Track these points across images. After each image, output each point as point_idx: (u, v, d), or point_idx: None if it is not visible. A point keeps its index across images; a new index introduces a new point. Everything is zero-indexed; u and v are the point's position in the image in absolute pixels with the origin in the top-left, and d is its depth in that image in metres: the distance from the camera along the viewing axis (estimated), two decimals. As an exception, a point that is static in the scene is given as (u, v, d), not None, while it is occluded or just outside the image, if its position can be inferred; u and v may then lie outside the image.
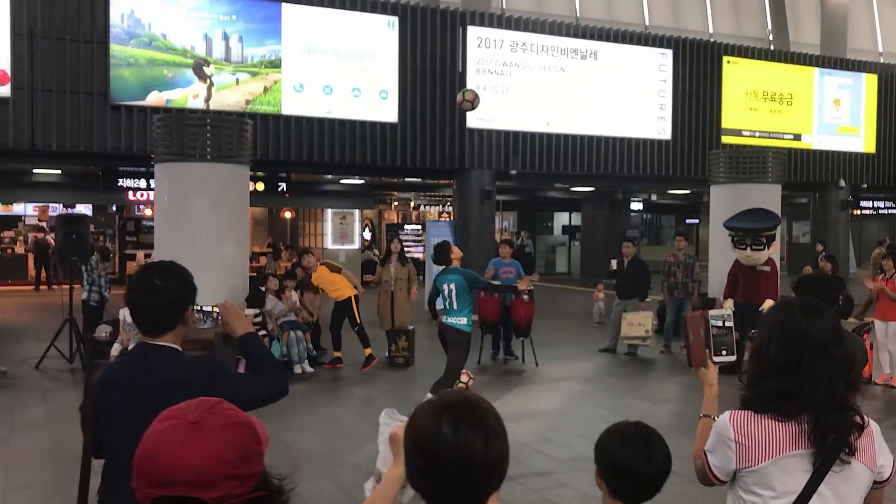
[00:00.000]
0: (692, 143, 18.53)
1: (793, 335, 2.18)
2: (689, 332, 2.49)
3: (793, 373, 2.15)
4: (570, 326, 15.26)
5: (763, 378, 2.20)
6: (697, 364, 2.50)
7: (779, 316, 2.25)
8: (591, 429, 7.74)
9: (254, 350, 2.67)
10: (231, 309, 2.73)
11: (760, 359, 2.23)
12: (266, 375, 2.60)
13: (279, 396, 2.61)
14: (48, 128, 13.05)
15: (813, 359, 2.14)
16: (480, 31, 16.23)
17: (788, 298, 2.34)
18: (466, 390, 1.68)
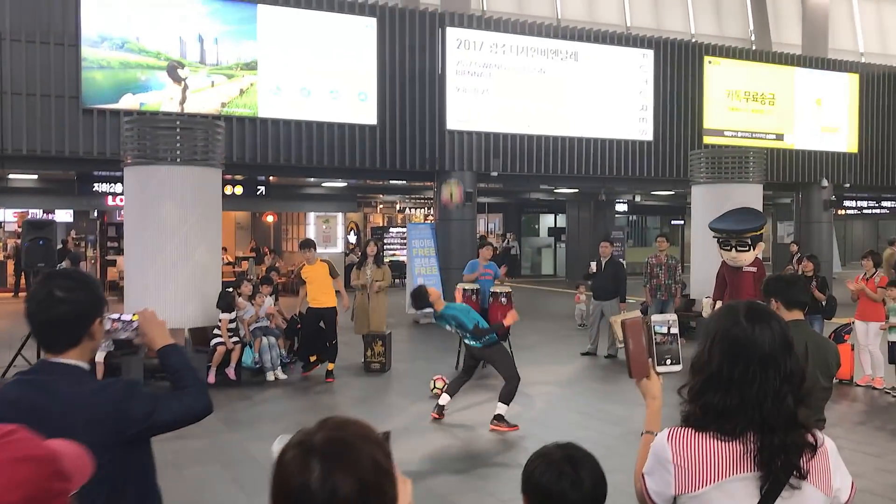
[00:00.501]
0: (674, 144, 18.44)
1: (737, 344, 1.97)
2: (628, 339, 2.28)
3: (737, 386, 1.94)
4: (552, 329, 15.12)
5: (704, 392, 1.98)
6: (639, 374, 2.29)
7: (722, 322, 2.03)
8: (565, 435, 7.55)
9: (174, 364, 2.47)
10: (151, 318, 2.54)
11: (701, 370, 2.01)
12: (186, 393, 2.40)
13: (201, 416, 2.40)
14: (19, 132, 12.82)
15: (759, 370, 1.94)
16: (460, 32, 16.09)
17: (733, 303, 2.11)
18: (347, 421, 1.45)
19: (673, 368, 2.33)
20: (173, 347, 2.50)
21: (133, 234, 10.67)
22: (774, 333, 1.98)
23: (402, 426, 8.02)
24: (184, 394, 2.39)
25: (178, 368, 2.45)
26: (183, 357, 2.50)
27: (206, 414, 2.41)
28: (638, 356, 2.31)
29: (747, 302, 2.09)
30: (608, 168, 17.78)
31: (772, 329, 1.98)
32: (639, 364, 2.31)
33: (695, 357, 2.07)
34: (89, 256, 24.66)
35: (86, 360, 2.32)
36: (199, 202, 10.65)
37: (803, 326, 3.97)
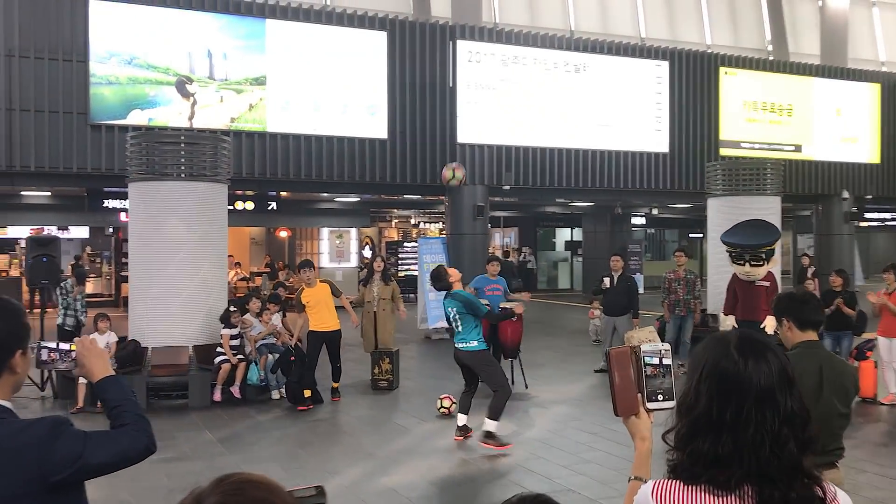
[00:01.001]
0: (690, 156, 18.15)
1: (727, 380, 1.69)
2: (614, 371, 2.00)
3: (729, 430, 1.67)
4: (566, 345, 14.84)
5: (692, 436, 1.70)
6: (625, 412, 2.01)
7: (709, 354, 1.75)
8: (574, 458, 7.34)
9: (113, 399, 2.24)
10: (90, 348, 2.32)
11: (689, 411, 1.73)
12: (123, 432, 2.17)
13: (139, 458, 2.17)
14: (27, 148, 12.79)
15: (754, 411, 1.66)
16: (471, 44, 15.93)
17: (724, 332, 1.84)
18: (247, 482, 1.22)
19: (665, 405, 2.03)
20: (113, 380, 2.29)
21: (137, 250, 10.55)
22: (771, 367, 1.71)
23: (405, 447, 7.79)
24: (121, 433, 2.16)
25: (118, 404, 2.23)
26: (123, 390, 2.28)
27: (145, 455, 2.19)
28: (625, 391, 2.03)
29: (739, 331, 1.82)
30: (623, 181, 17.52)
31: (768, 362, 1.71)
32: (626, 400, 2.03)
33: (681, 396, 1.80)
34: (104, 272, 24.70)
35: (6, 397, 2.11)
36: (205, 218, 10.52)
37: (817, 349, 3.70)
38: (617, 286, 11.22)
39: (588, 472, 6.87)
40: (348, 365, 12.49)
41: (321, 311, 9.66)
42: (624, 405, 2.04)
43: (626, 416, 2.04)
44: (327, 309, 9.67)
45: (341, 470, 7.05)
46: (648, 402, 2.02)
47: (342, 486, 6.58)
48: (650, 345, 2.07)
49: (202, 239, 10.42)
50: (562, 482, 6.62)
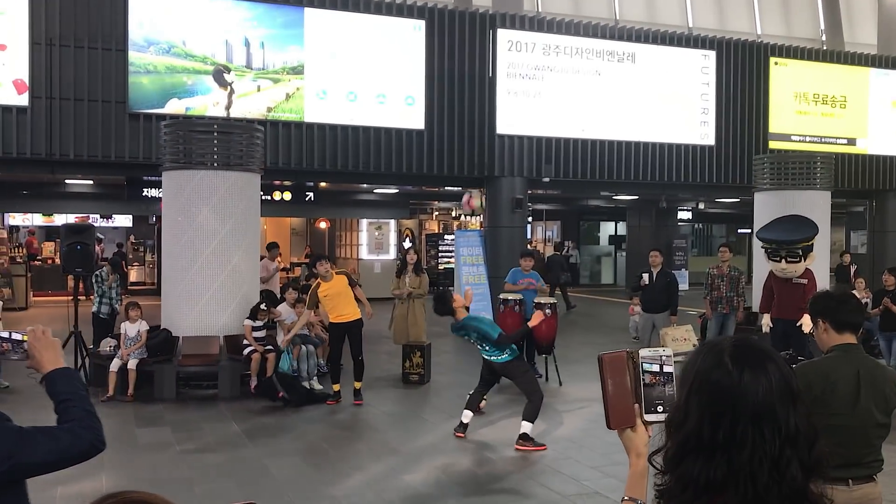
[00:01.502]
0: (737, 149, 17.61)
1: (719, 393, 1.49)
2: (607, 379, 1.79)
3: (723, 451, 1.46)
4: (604, 341, 14.51)
5: (682, 458, 1.50)
6: (620, 423, 1.79)
7: (700, 365, 1.54)
8: (605, 459, 7.08)
9: (60, 392, 2.09)
10: (41, 338, 2.17)
11: (678, 429, 1.53)
12: (65, 430, 2.01)
13: (82, 457, 2.02)
14: (67, 137, 12.87)
15: (751, 429, 1.46)
16: (511, 33, 15.63)
17: (717, 339, 1.62)
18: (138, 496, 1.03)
19: (665, 417, 1.81)
20: (64, 373, 2.13)
21: (170, 239, 10.53)
22: (771, 379, 1.48)
23: (430, 444, 7.62)
24: (62, 430, 2.01)
25: (65, 398, 2.08)
26: (73, 385, 2.12)
27: (90, 454, 2.03)
28: (619, 401, 1.80)
29: (735, 337, 1.60)
30: (668, 174, 17.07)
31: (767, 373, 1.49)
32: (620, 411, 1.80)
33: (670, 411, 1.60)
34: (147, 261, 24.99)
35: None
36: (237, 207, 10.45)
37: (855, 352, 3.41)
38: (656, 282, 10.88)
39: (618, 474, 6.61)
40: (380, 358, 12.39)
41: (340, 303, 9.24)
42: (618, 416, 1.81)
43: (621, 429, 1.82)
44: (346, 299, 9.27)
45: (364, 465, 6.90)
46: (646, 414, 1.79)
47: (363, 483, 6.43)
48: (649, 350, 1.84)
49: (235, 228, 10.35)
50: (589, 484, 6.38)
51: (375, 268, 21.95)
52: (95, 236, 11.27)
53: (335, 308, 9.24)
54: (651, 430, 1.80)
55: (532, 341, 10.65)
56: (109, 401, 9.20)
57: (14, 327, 9.97)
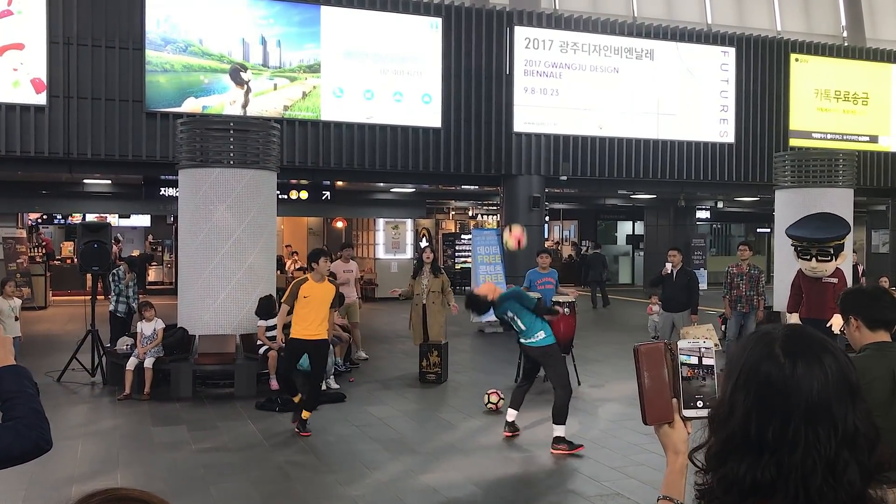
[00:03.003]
0: (757, 147, 17.42)
1: (769, 388, 1.35)
2: (643, 372, 1.67)
3: (771, 451, 1.33)
4: (623, 341, 14.36)
5: (726, 457, 1.37)
6: (656, 419, 1.66)
7: (748, 357, 1.40)
8: (625, 460, 6.97)
9: (8, 390, 2.02)
10: None
11: (722, 426, 1.39)
12: (8, 427, 1.94)
13: (25, 455, 1.94)
14: (84, 136, 12.90)
15: (804, 429, 1.32)
16: (528, 31, 15.53)
17: (767, 328, 1.46)
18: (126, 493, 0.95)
19: (706, 413, 1.69)
20: (12, 370, 2.06)
21: (187, 238, 10.50)
22: (828, 372, 1.34)
23: (449, 443, 7.53)
24: (6, 428, 1.93)
25: (11, 396, 2.00)
26: (21, 382, 2.04)
27: (35, 453, 1.96)
28: (656, 395, 1.68)
29: (787, 326, 1.45)
30: (687, 172, 16.91)
31: (823, 366, 1.34)
32: (657, 406, 1.68)
33: (714, 406, 1.47)
34: (165, 260, 25.07)
35: None
36: (253, 205, 10.40)
37: (890, 350, 3.29)
38: (676, 281, 10.74)
39: (639, 475, 6.50)
40: (397, 357, 12.34)
41: (314, 314, 7.89)
42: (655, 412, 1.69)
43: (658, 425, 1.71)
44: (321, 313, 7.96)
45: (381, 465, 6.83)
46: (685, 409, 1.67)
47: (381, 482, 6.35)
48: (688, 341, 1.72)
49: (251, 227, 10.31)
50: (610, 485, 6.27)
51: (392, 267, 21.90)
52: (112, 235, 11.25)
53: (306, 318, 7.87)
54: (690, 427, 1.69)
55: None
56: (126, 399, 9.18)
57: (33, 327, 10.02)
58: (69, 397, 9.38)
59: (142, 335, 9.60)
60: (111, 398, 9.36)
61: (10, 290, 9.97)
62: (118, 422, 8.31)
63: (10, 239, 18.49)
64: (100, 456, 7.06)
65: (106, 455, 7.09)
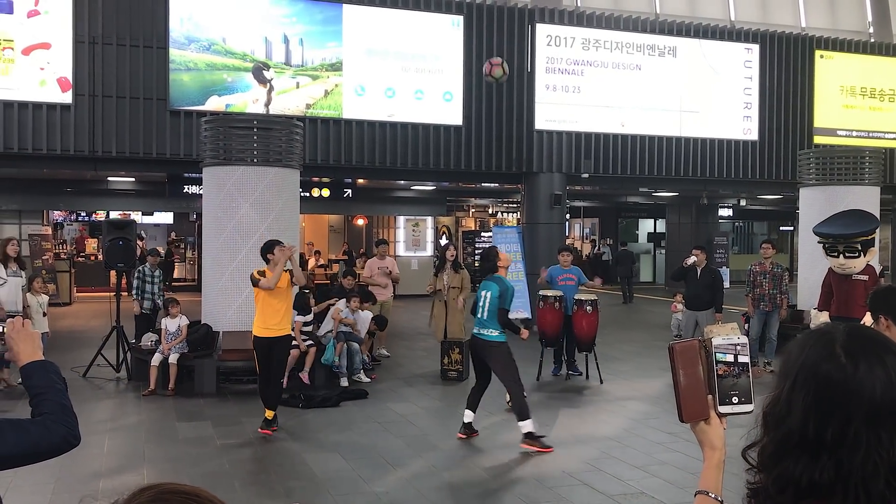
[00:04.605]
0: (781, 144, 17.27)
1: (830, 388, 1.32)
2: (679, 369, 1.67)
3: (830, 452, 1.30)
4: (645, 339, 14.32)
5: (781, 456, 1.35)
6: (693, 416, 1.67)
7: (808, 355, 1.37)
8: (648, 458, 6.95)
9: (36, 385, 2.05)
10: (19, 330, 2.12)
11: (778, 423, 1.37)
12: (37, 423, 1.97)
13: (53, 450, 1.97)
14: (109, 134, 13.01)
15: (865, 431, 1.29)
16: (550, 28, 15.48)
17: (828, 327, 1.43)
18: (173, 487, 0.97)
19: (741, 409, 1.68)
20: (40, 365, 2.09)
21: (211, 235, 10.58)
22: (891, 374, 1.31)
23: (470, 441, 7.54)
24: (33, 423, 1.96)
25: (40, 391, 2.03)
26: (49, 377, 2.07)
27: (63, 448, 1.98)
28: (693, 392, 1.69)
29: (849, 326, 1.43)
30: (709, 169, 16.79)
31: (886, 366, 1.31)
32: (693, 403, 1.68)
33: (768, 403, 1.42)
34: (188, 258, 25.27)
35: None
36: (277, 203, 10.46)
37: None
38: (700, 279, 10.68)
39: (663, 474, 6.48)
40: (418, 354, 12.36)
41: (274, 308, 7.57)
42: (691, 409, 1.70)
43: (694, 422, 1.71)
44: (283, 307, 7.66)
45: (403, 462, 6.85)
46: (721, 406, 1.67)
47: (403, 479, 6.38)
48: (723, 338, 1.72)
49: (274, 224, 10.36)
50: (634, 484, 6.25)
51: (413, 264, 21.94)
52: (137, 232, 11.35)
53: (266, 313, 7.56)
54: (725, 423, 1.69)
55: (573, 339, 10.53)
56: (150, 395, 9.27)
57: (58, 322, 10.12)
58: (95, 393, 9.49)
59: (166, 331, 9.69)
60: (136, 394, 9.46)
61: (37, 287, 10.09)
62: (143, 417, 8.40)
63: (36, 236, 18.72)
64: (126, 451, 7.14)
65: (132, 450, 7.17)
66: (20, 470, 1.94)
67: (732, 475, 1.59)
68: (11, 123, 12.51)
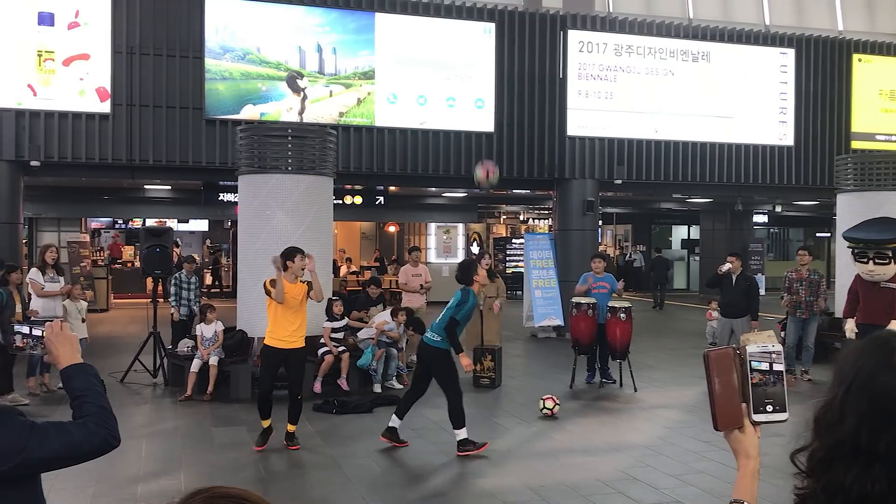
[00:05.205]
0: (818, 150, 17.04)
1: (885, 398, 1.30)
2: (713, 377, 1.67)
3: (883, 463, 1.28)
4: (680, 347, 14.19)
5: (832, 464, 1.34)
6: (728, 424, 1.67)
7: (863, 364, 1.35)
8: (684, 467, 6.88)
9: (77, 388, 2.09)
10: (59, 334, 2.16)
11: (830, 430, 1.36)
12: (78, 425, 2.01)
13: (94, 453, 2.01)
14: (146, 143, 13.22)
15: None
16: (582, 34, 15.45)
17: (884, 335, 1.42)
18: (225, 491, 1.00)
19: (775, 417, 1.67)
20: (79, 368, 2.13)
21: (246, 242, 10.70)
22: None
23: (505, 449, 7.52)
24: (75, 425, 2.00)
25: (81, 394, 2.07)
26: (88, 380, 2.11)
27: (104, 449, 2.02)
28: (727, 400, 1.69)
29: None
30: (744, 175, 16.62)
31: None
32: (728, 411, 1.68)
33: (819, 409, 1.41)
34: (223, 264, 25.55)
35: None
36: (311, 210, 10.56)
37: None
38: (735, 286, 10.56)
39: (699, 483, 6.41)
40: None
41: (288, 320, 7.31)
42: (725, 417, 1.69)
43: (728, 430, 1.70)
44: (298, 318, 7.37)
45: (436, 469, 6.86)
46: (755, 414, 1.66)
47: (436, 487, 6.38)
48: (758, 346, 1.72)
49: (308, 232, 10.45)
50: (669, 493, 6.19)
51: (443, 271, 21.96)
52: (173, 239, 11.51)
53: (280, 324, 7.31)
54: (759, 431, 1.68)
55: (606, 346, 10.46)
56: (187, 400, 9.38)
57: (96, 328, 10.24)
58: (132, 398, 9.62)
59: (202, 337, 9.80)
60: (172, 399, 9.57)
61: (76, 293, 10.27)
62: (180, 422, 8.50)
63: (75, 243, 19.05)
64: (163, 455, 7.23)
65: (169, 454, 7.25)
66: (60, 473, 1.99)
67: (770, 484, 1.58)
68: (52, 133, 12.76)
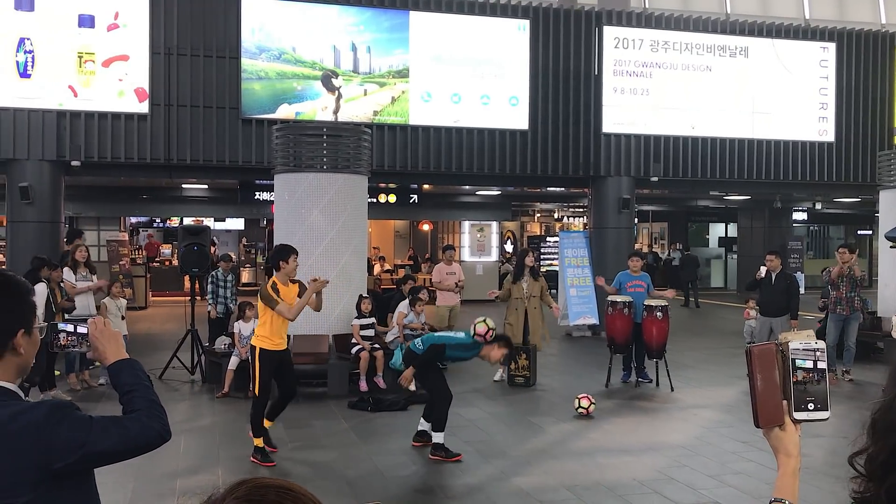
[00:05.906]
0: (859, 145, 16.72)
1: None
2: (755, 373, 1.64)
3: None
4: (717, 346, 14.02)
5: (893, 468, 1.31)
6: (768, 422, 1.64)
7: None
8: (722, 468, 6.79)
9: (125, 383, 2.10)
10: (102, 330, 2.18)
11: (888, 433, 1.31)
12: (132, 419, 2.02)
13: (149, 446, 2.02)
14: (183, 142, 13.38)
15: None
16: (618, 30, 15.32)
17: None
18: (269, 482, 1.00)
19: (817, 416, 1.64)
20: (127, 363, 2.15)
21: (282, 240, 10.75)
22: None
23: (539, 448, 7.49)
24: (130, 419, 2.02)
25: (130, 389, 2.09)
26: (136, 375, 2.13)
27: (157, 443, 2.04)
28: (769, 398, 1.65)
29: None
30: (783, 172, 16.37)
31: None
32: (769, 408, 1.65)
33: (878, 411, 1.37)
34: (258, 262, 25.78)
35: (10, 379, 1.98)
36: (346, 209, 10.60)
37: None
38: (775, 285, 10.40)
39: (737, 484, 6.33)
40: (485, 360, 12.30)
41: (284, 323, 6.97)
42: (766, 414, 1.66)
43: (769, 428, 1.67)
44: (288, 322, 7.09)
45: (472, 468, 6.84)
46: (796, 412, 1.64)
47: (472, 485, 6.37)
48: (801, 343, 1.66)
49: (343, 229, 10.50)
50: (707, 493, 6.12)
51: (477, 269, 21.95)
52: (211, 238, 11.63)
53: (275, 325, 6.95)
54: (800, 429, 1.64)
55: (642, 345, 10.36)
56: (224, 397, 9.47)
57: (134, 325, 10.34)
58: (171, 394, 9.74)
59: (240, 335, 9.89)
60: (210, 395, 9.68)
61: (116, 291, 10.43)
62: (217, 419, 8.58)
63: (114, 242, 19.34)
64: (201, 451, 7.30)
65: (207, 451, 7.33)
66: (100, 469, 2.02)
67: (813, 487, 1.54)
68: (92, 133, 12.97)
